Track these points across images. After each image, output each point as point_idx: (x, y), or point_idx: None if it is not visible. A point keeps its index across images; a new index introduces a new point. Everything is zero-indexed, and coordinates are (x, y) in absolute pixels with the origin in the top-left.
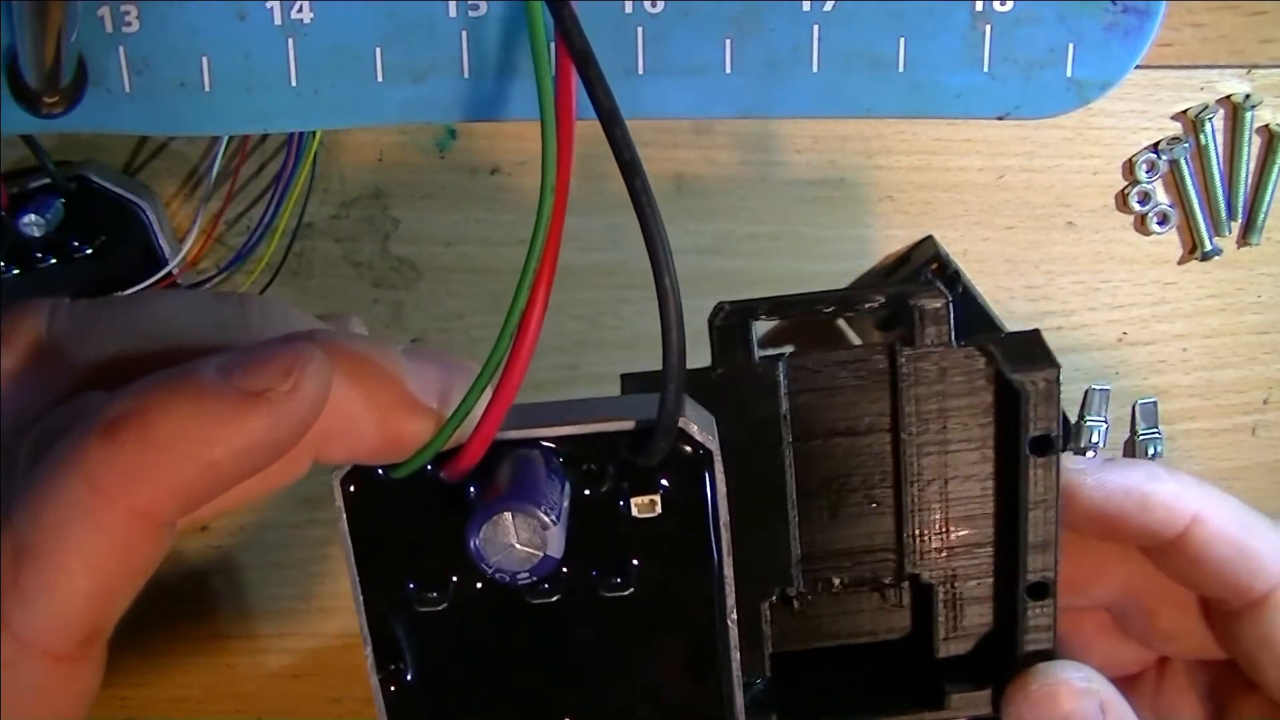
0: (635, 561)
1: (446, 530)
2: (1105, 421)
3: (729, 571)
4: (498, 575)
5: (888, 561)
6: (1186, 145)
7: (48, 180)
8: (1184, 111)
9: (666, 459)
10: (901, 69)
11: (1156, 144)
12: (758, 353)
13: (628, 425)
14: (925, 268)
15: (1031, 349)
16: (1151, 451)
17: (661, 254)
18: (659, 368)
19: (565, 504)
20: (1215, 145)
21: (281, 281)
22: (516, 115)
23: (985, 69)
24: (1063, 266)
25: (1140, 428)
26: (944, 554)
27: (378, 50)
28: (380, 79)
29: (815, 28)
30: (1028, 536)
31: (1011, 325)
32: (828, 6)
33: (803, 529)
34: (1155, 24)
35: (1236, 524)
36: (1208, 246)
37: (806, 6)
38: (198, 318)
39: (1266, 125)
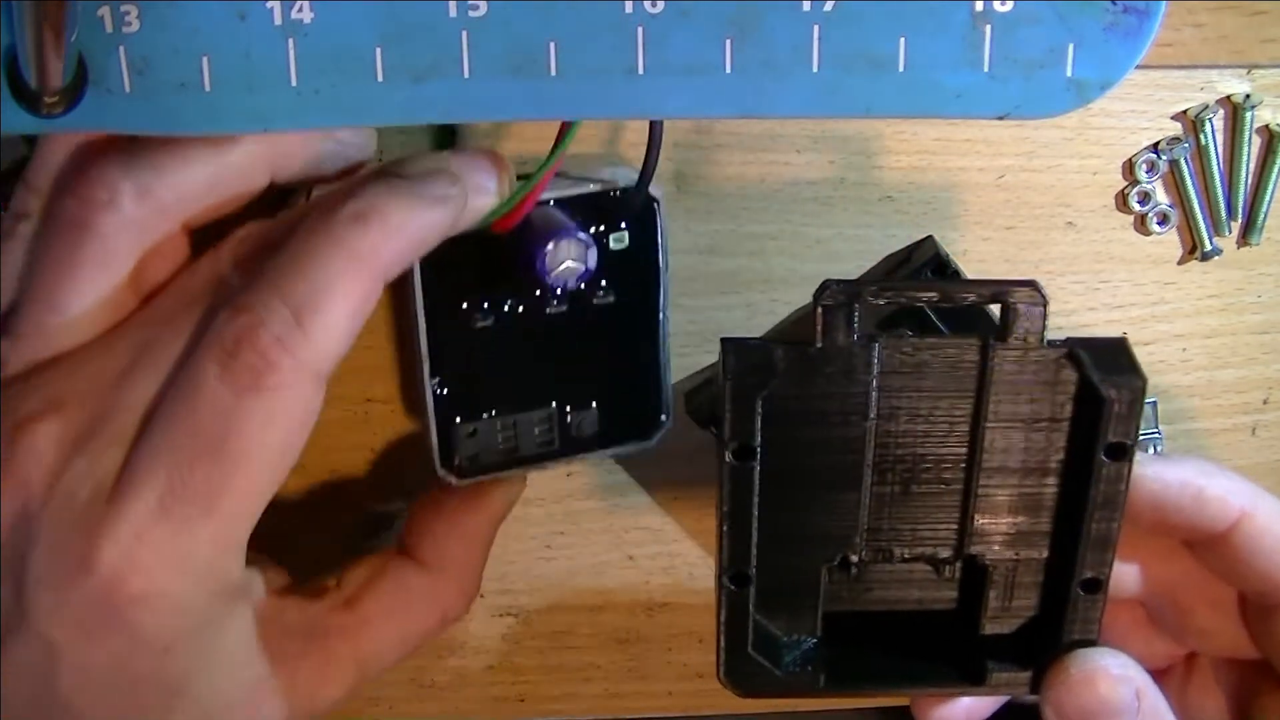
0: (616, 279)
1: (493, 272)
2: None
3: (666, 281)
4: (554, 283)
5: (948, 540)
6: (1186, 145)
7: None
8: (1184, 111)
9: (633, 209)
10: (901, 69)
11: (1156, 144)
12: (857, 331)
13: (616, 185)
14: (925, 268)
15: (1119, 358)
16: (1151, 452)
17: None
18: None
19: None
20: (1215, 145)
21: None
22: (516, 115)
23: (985, 69)
24: (1063, 266)
25: (1140, 428)
26: (1003, 539)
27: (378, 50)
28: (380, 79)
29: (815, 28)
30: (1090, 534)
31: None
32: (828, 6)
33: (873, 500)
34: (1155, 24)
35: None
36: (1208, 246)
37: (806, 6)
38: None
39: (1266, 125)
